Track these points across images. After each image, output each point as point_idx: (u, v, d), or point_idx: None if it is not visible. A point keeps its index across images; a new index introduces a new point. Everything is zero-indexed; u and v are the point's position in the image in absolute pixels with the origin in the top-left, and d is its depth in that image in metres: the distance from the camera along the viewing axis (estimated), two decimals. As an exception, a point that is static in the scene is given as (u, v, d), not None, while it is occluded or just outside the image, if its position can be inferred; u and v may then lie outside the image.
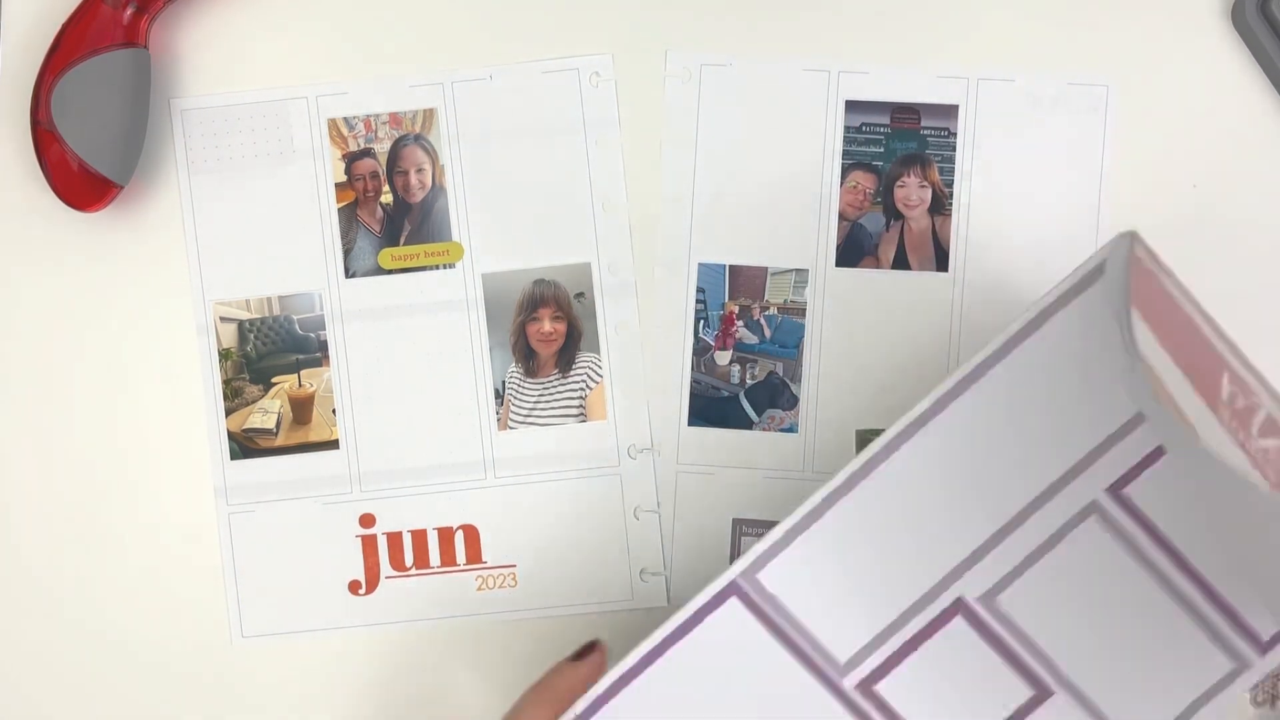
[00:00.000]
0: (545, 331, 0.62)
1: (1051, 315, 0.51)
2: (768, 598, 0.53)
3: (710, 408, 0.62)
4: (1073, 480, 0.52)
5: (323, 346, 0.62)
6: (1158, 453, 0.52)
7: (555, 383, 0.62)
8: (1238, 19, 0.60)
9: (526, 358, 0.62)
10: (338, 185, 0.62)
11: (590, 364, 0.62)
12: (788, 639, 0.53)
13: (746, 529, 0.61)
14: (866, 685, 0.53)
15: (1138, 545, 0.52)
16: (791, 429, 0.61)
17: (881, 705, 0.53)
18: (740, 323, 0.62)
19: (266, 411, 0.62)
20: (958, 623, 0.53)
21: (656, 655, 0.52)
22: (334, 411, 0.62)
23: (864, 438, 0.61)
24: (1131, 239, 0.49)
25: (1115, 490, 0.52)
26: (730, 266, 0.62)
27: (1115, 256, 0.50)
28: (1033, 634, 0.53)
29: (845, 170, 0.61)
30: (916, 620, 0.53)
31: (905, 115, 0.61)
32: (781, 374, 0.62)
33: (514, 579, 0.62)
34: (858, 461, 0.52)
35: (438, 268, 0.62)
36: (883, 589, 0.53)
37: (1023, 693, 0.53)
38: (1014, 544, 0.52)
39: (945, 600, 0.53)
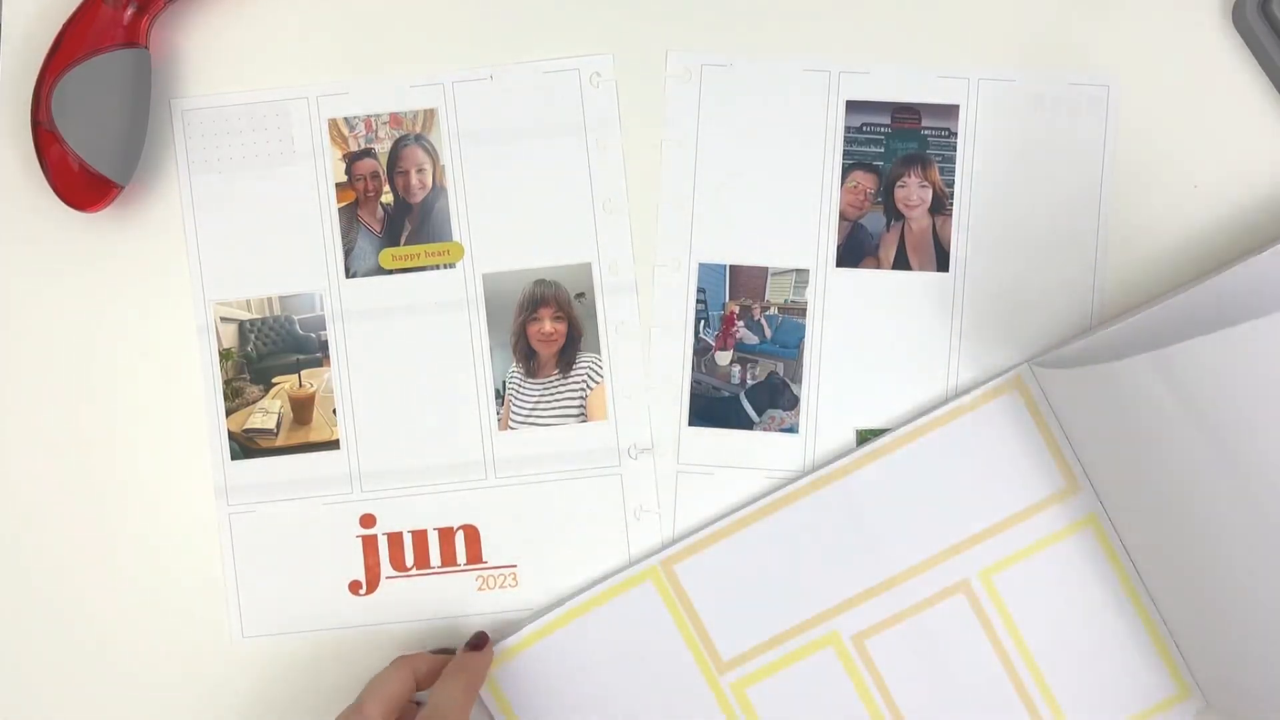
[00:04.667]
0: (546, 331, 0.62)
1: (967, 412, 0.60)
2: (679, 588, 0.60)
3: (711, 408, 0.62)
4: (955, 556, 0.60)
5: (323, 346, 0.62)
6: (1030, 548, 0.60)
7: (556, 383, 0.62)
8: (1238, 19, 0.60)
9: (527, 358, 0.62)
10: (338, 185, 0.62)
11: (591, 364, 0.62)
12: (685, 628, 0.60)
13: (747, 529, 0.62)
14: (740, 687, 0.60)
15: (994, 629, 0.59)
16: (792, 429, 0.61)
17: (749, 708, 0.60)
18: (741, 323, 0.62)
19: (267, 412, 0.62)
20: (828, 653, 0.60)
21: (575, 616, 0.60)
22: (334, 411, 0.62)
23: (864, 437, 0.61)
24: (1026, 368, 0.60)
25: (987, 574, 0.60)
26: (731, 266, 0.62)
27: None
28: (888, 680, 0.60)
29: (846, 170, 0.61)
30: (795, 641, 0.60)
31: (906, 115, 0.61)
32: (782, 374, 0.62)
33: (514, 579, 0.62)
34: (781, 492, 0.60)
35: (438, 268, 0.62)
36: (774, 606, 0.60)
37: None
38: (893, 597, 0.60)
39: (822, 630, 0.60)
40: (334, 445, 0.62)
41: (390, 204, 0.62)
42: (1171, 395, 0.54)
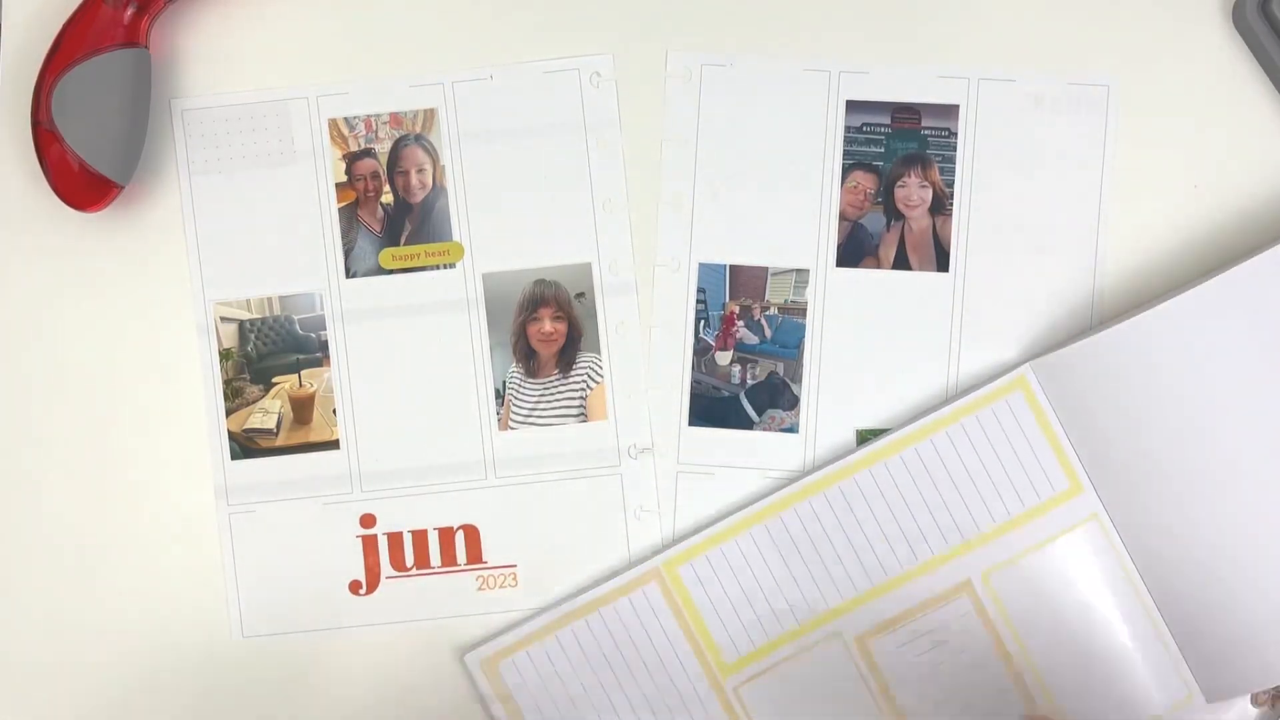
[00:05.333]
0: (546, 331, 0.62)
1: (970, 412, 0.60)
2: (682, 590, 0.60)
3: (711, 408, 0.62)
4: (958, 557, 0.60)
5: (323, 346, 0.62)
6: (1033, 549, 0.60)
7: (556, 383, 0.62)
8: (1238, 19, 0.60)
9: (527, 358, 0.62)
10: (338, 185, 0.62)
11: (591, 364, 0.62)
12: (688, 630, 0.60)
13: (747, 529, 0.62)
14: (743, 689, 0.60)
15: (998, 630, 0.59)
16: (792, 429, 0.61)
17: (752, 711, 0.60)
18: (741, 323, 0.62)
19: (267, 412, 0.62)
20: (832, 655, 0.60)
21: (577, 617, 0.60)
22: (334, 411, 0.62)
23: (864, 437, 0.61)
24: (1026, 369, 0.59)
25: (990, 575, 0.60)
26: (731, 266, 0.62)
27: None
28: (891, 681, 0.59)
29: (846, 170, 0.61)
30: (798, 642, 0.60)
31: (906, 115, 0.61)
32: (782, 374, 0.61)
33: (514, 579, 0.62)
34: (783, 493, 0.60)
35: (438, 268, 0.62)
36: (777, 608, 0.60)
37: None
38: (896, 599, 0.60)
39: (826, 632, 0.60)
40: (334, 445, 0.62)
41: (390, 204, 0.62)
42: (1164, 356, 0.55)
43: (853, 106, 0.61)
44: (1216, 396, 0.57)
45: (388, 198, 0.62)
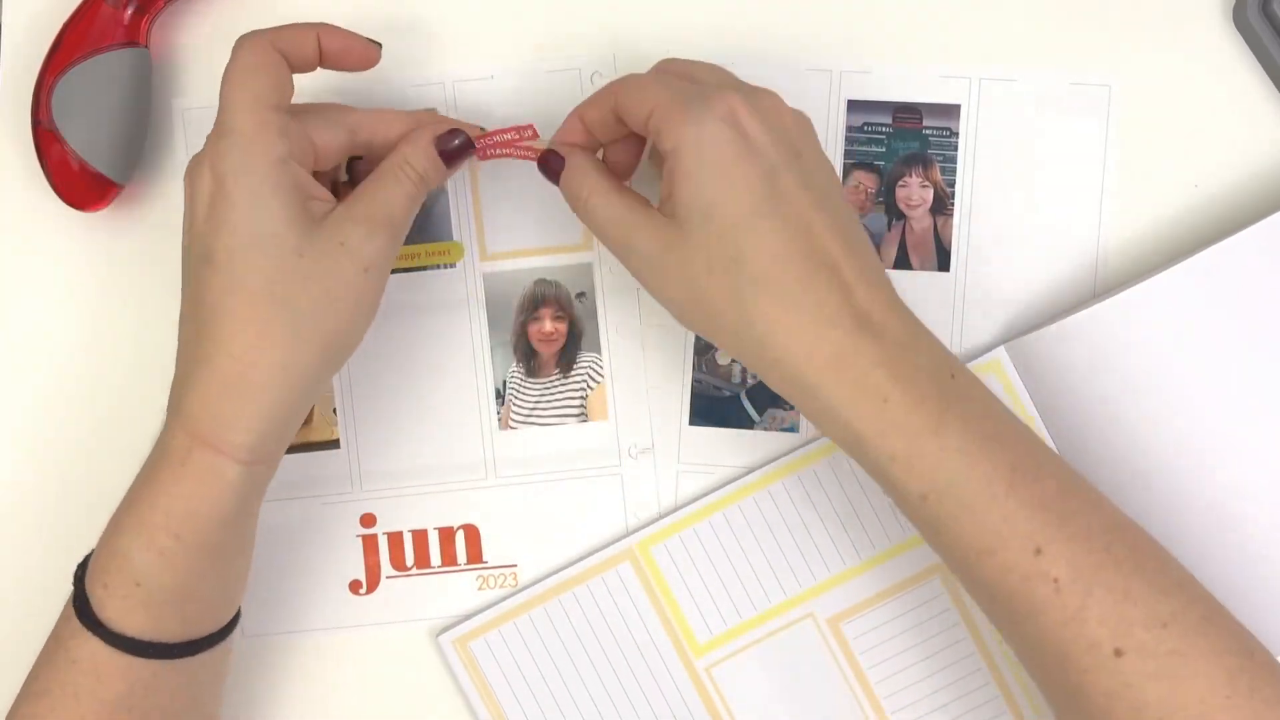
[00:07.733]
0: (546, 331, 0.61)
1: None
2: (655, 570, 0.60)
3: (712, 407, 0.62)
4: None
5: (323, 346, 0.62)
6: None
7: (556, 382, 0.62)
8: (1239, 19, 0.60)
9: (527, 357, 0.62)
10: (339, 185, 0.62)
11: (591, 364, 0.62)
12: (662, 611, 0.60)
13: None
14: (715, 669, 0.60)
15: (969, 611, 0.60)
16: (793, 429, 0.61)
17: (723, 691, 0.60)
18: (741, 322, 0.61)
19: (267, 411, 0.62)
20: (804, 636, 0.60)
21: (550, 597, 0.60)
22: (334, 411, 0.62)
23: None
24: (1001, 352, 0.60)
25: None
26: (731, 266, 0.61)
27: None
28: (863, 663, 0.60)
29: (847, 170, 0.61)
30: (770, 624, 0.60)
31: (907, 115, 0.61)
32: (783, 374, 0.61)
33: (514, 579, 0.62)
34: (757, 474, 0.60)
35: (438, 267, 0.62)
36: (750, 588, 0.60)
37: (849, 713, 0.60)
38: (870, 580, 0.60)
39: (798, 613, 0.60)
40: (334, 445, 0.62)
41: (391, 204, 0.62)
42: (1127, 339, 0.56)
43: (854, 106, 0.61)
44: (1187, 378, 0.57)
45: (388, 197, 0.62)
